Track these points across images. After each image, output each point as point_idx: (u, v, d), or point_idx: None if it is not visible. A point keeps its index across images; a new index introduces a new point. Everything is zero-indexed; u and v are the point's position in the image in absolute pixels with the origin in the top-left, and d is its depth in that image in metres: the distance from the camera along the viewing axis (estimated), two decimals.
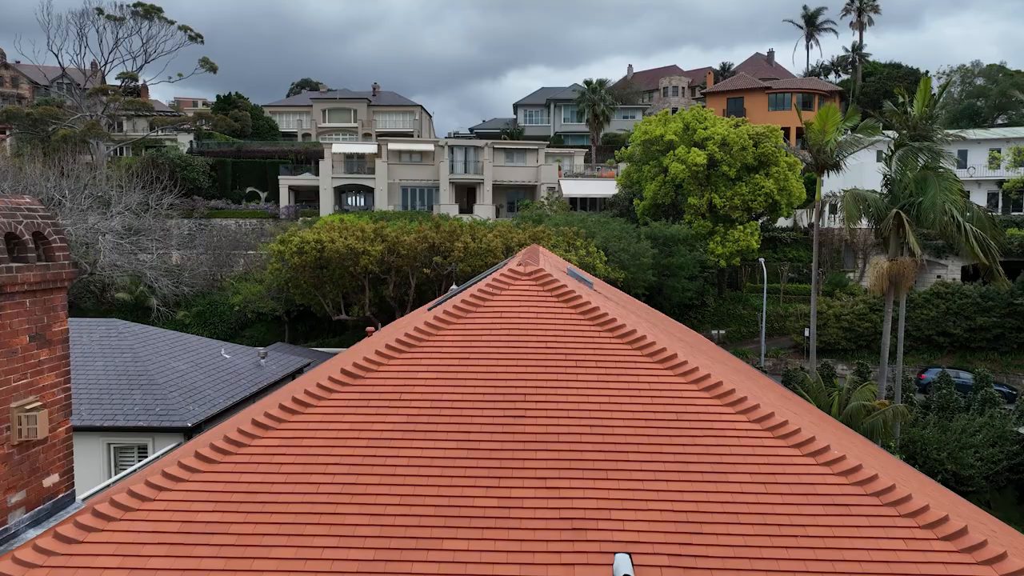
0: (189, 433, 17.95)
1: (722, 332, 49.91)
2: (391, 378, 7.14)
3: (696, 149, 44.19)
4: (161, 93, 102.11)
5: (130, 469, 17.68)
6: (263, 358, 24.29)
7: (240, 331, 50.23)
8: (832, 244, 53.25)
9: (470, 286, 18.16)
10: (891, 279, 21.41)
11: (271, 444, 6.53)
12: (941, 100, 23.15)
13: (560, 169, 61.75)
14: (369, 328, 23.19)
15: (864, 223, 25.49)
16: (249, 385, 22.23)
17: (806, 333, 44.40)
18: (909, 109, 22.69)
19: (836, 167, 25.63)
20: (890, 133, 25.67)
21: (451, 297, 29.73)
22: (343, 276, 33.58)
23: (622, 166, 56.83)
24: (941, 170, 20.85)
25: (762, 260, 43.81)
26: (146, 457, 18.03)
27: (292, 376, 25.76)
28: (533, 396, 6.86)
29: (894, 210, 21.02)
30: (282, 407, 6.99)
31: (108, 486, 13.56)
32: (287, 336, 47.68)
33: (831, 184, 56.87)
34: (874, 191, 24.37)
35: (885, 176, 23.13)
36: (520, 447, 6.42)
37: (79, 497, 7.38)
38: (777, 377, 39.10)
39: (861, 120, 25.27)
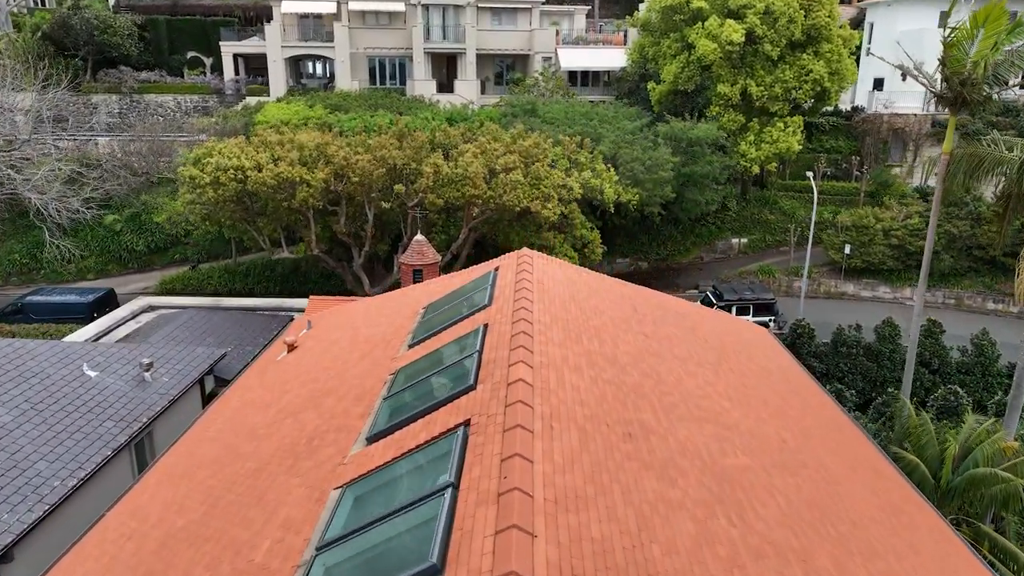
0: None
1: (743, 241, 42.98)
2: None
3: (731, 22, 34.86)
4: None
5: None
6: (148, 371, 17.46)
7: (184, 239, 42.86)
8: (879, 133, 44.93)
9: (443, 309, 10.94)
10: None
11: None
12: None
13: (558, 33, 51.62)
14: (291, 338, 16.23)
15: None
16: (119, 427, 15.59)
17: (847, 250, 37.58)
18: None
19: (986, 104, 17.48)
20: None
21: (416, 245, 22.20)
22: (278, 209, 25.92)
23: (632, 33, 47.04)
24: None
25: (809, 174, 35.89)
26: None
27: (202, 384, 19.09)
28: None
29: None
30: None
31: None
32: (234, 249, 40.42)
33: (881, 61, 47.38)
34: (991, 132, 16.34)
35: None
36: None
37: None
38: (818, 314, 32.57)
39: None
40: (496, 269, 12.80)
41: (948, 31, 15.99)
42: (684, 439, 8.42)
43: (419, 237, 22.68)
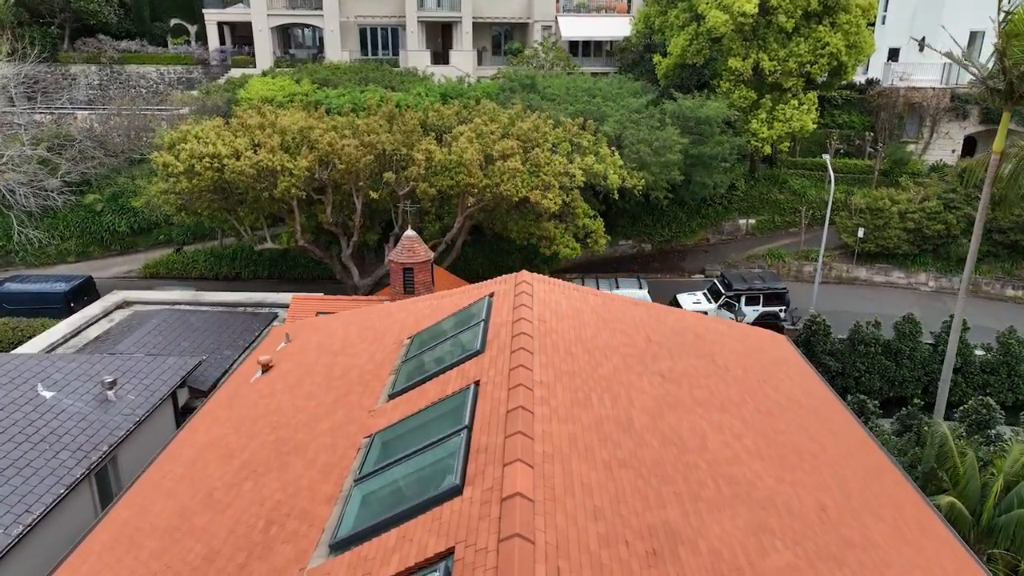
0: None
1: (751, 222, 41.23)
2: None
3: None
4: None
5: None
6: (111, 388, 15.93)
7: (168, 220, 40.98)
8: (894, 108, 42.88)
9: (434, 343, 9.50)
10: None
11: None
12: None
13: (558, 0, 49.15)
14: (265, 357, 14.67)
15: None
16: (75, 457, 14.11)
17: (861, 234, 35.93)
18: None
19: None
20: None
21: (406, 241, 20.51)
22: (259, 199, 24.14)
23: (637, 2, 44.71)
24: None
25: (826, 157, 33.96)
26: None
27: (174, 398, 17.58)
28: None
29: None
30: None
31: None
32: (220, 232, 38.51)
33: (897, 30, 45.16)
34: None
35: None
36: None
37: None
38: (830, 301, 31.04)
39: None
40: (491, 296, 11.21)
41: (1002, 16, 14.18)
42: (717, 542, 6.92)
43: (409, 232, 21.01)
